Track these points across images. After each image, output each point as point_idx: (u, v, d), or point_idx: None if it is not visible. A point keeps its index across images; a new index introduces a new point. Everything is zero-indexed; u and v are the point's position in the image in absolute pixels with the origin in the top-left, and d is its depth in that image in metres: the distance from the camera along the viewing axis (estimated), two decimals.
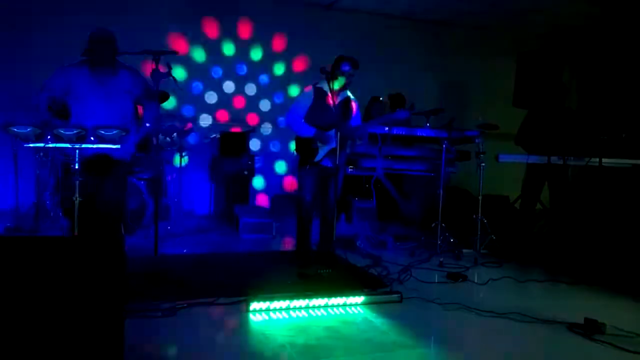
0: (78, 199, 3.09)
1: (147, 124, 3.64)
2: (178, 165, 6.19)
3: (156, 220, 3.70)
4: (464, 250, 4.77)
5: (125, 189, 3.71)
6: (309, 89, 3.95)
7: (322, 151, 3.88)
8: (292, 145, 4.17)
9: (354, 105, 4.01)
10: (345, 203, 6.55)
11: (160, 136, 5.43)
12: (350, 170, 5.07)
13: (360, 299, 3.14)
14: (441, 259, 4.35)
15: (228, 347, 2.54)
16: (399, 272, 3.88)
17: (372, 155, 5.02)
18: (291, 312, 2.96)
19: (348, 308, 3.08)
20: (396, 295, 3.26)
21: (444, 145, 4.75)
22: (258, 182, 6.59)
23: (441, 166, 4.83)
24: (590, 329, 2.78)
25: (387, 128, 5.07)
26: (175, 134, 5.74)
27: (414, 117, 5.07)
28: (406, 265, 4.12)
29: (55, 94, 3.32)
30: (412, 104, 3.98)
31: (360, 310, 3.08)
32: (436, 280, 3.86)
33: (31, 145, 3.07)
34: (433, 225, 4.81)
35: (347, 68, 3.81)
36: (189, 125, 5.87)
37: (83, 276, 2.04)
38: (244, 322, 2.82)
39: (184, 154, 6.19)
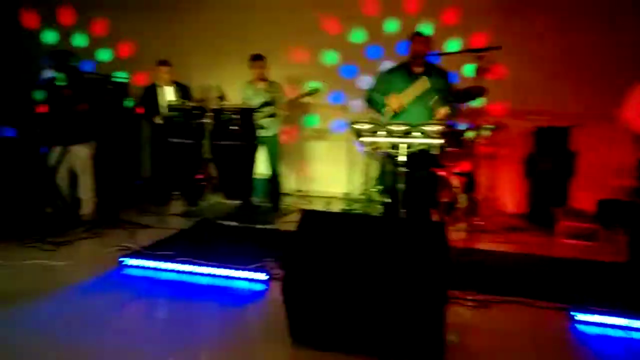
0: (402, 188, 3.46)
1: None
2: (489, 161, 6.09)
3: (467, 215, 3.74)
4: None
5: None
6: None
7: None
8: None
9: None
10: None
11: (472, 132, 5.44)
12: None
13: None
14: None
15: (551, 354, 2.35)
16: None
17: None
18: (625, 331, 2.52)
19: None
20: None
21: None
22: (579, 182, 5.81)
23: None
24: None
25: None
26: (483, 129, 5.64)
27: None
28: None
29: None
30: None
31: None
32: None
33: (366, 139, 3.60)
34: None
35: None
36: (501, 120, 5.68)
37: (412, 256, 2.22)
38: (568, 333, 2.57)
39: (495, 149, 6.05)
